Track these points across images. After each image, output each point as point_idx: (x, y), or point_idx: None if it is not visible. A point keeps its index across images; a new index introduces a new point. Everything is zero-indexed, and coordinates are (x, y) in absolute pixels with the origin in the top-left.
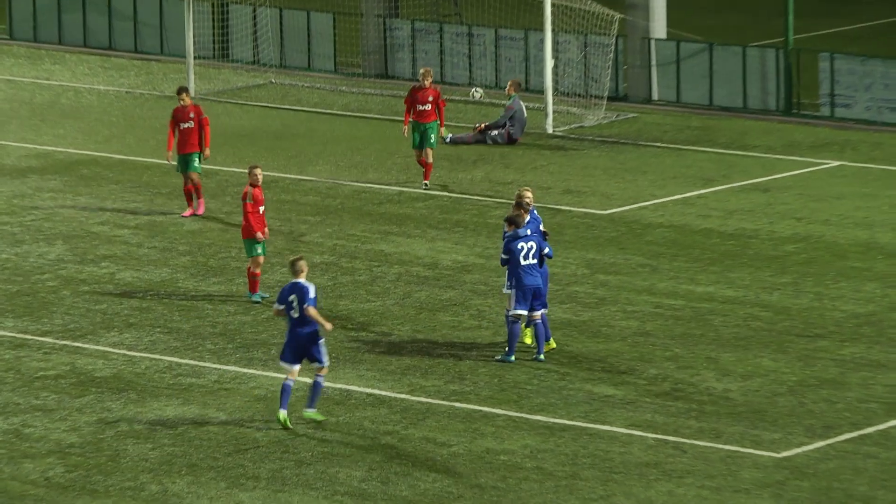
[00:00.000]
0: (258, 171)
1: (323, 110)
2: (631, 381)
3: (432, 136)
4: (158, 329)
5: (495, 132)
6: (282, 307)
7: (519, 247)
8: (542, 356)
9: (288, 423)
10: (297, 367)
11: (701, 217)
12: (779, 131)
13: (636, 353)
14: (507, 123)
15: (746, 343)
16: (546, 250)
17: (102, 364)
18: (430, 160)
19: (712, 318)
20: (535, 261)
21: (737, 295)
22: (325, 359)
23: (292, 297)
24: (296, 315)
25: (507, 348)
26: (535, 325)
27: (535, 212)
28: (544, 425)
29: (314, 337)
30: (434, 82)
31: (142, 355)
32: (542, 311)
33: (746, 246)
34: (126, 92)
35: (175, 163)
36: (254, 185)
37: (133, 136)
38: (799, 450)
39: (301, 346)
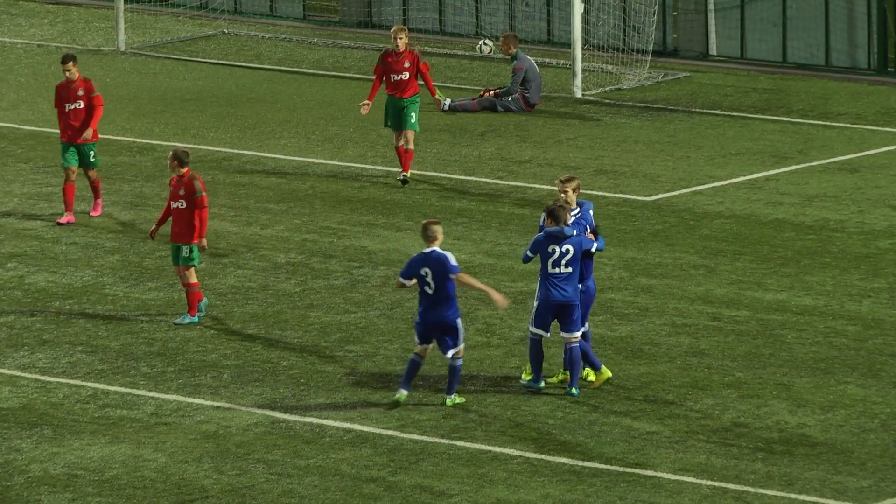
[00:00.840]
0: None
1: (289, 68)
2: (681, 414)
3: (412, 114)
4: (80, 348)
5: (509, 99)
6: (411, 282)
7: (550, 249)
8: (574, 390)
9: (401, 400)
10: (428, 346)
11: (771, 205)
12: (871, 95)
13: (688, 379)
14: (521, 88)
15: (828, 365)
16: (593, 247)
17: (9, 392)
18: (411, 146)
19: (785, 334)
20: (570, 269)
21: (816, 304)
22: (461, 342)
23: (425, 269)
24: (430, 291)
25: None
26: (569, 350)
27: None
28: (570, 469)
29: (450, 323)
30: (433, 33)
31: (59, 381)
32: (577, 332)
33: (829, 241)
34: (38, 45)
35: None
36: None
37: (47, 102)
38: (893, 500)
39: (432, 330)
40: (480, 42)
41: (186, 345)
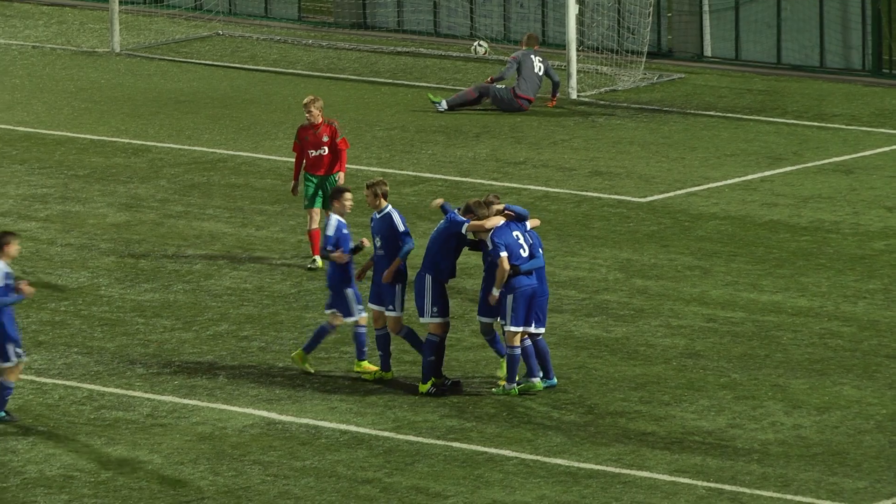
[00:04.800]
0: None
1: (284, 69)
2: (676, 415)
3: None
4: (76, 349)
5: (501, 87)
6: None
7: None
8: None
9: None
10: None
11: (766, 206)
12: (865, 97)
13: (683, 380)
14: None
15: (823, 367)
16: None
17: None
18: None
19: (780, 335)
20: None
21: (811, 305)
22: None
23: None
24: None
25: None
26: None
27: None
28: (566, 471)
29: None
30: (427, 35)
31: (54, 382)
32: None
33: (824, 243)
34: (33, 46)
35: None
36: None
37: (41, 103)
38: (889, 502)
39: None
40: (475, 44)
41: (182, 346)
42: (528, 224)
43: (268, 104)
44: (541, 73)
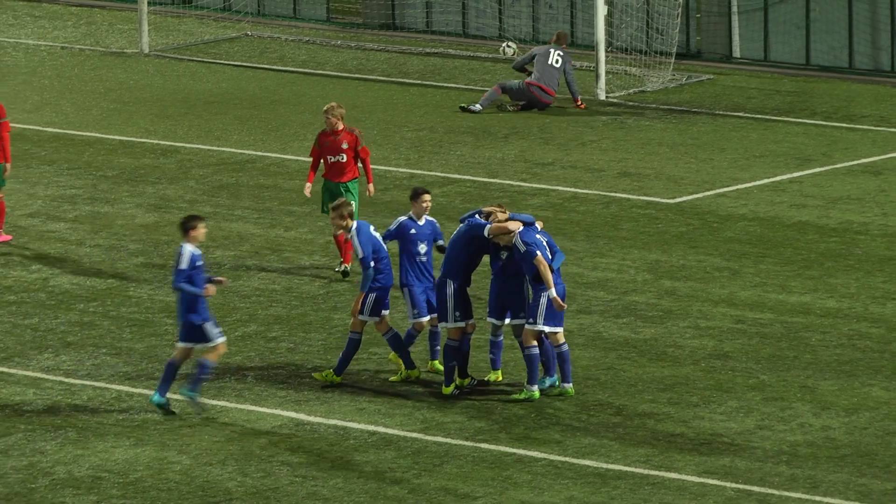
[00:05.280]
0: None
1: (312, 70)
2: (705, 416)
3: (352, 201)
4: (104, 350)
5: (515, 80)
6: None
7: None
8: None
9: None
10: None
11: (795, 207)
12: (894, 98)
13: (712, 381)
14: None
15: (852, 368)
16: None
17: (33, 394)
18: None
19: (808, 337)
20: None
21: (840, 307)
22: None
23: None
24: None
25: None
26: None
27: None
28: (594, 472)
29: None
30: (455, 36)
31: (83, 383)
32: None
33: (853, 244)
34: (62, 47)
35: None
36: None
37: (70, 104)
38: None
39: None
40: (504, 44)
41: None
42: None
43: (296, 105)
44: (557, 66)
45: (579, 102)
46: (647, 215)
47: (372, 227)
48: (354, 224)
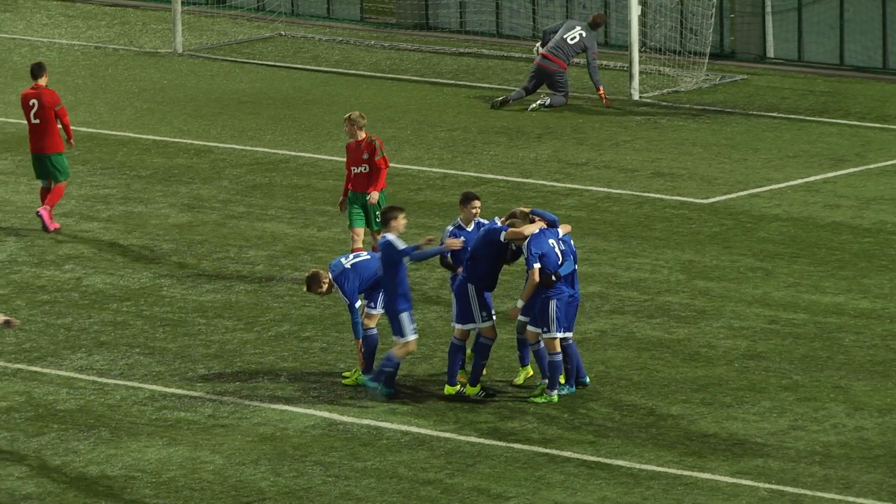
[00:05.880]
0: None
1: (346, 70)
2: (738, 417)
3: (377, 212)
4: (137, 349)
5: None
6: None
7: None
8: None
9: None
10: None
11: (829, 207)
12: None
13: (745, 381)
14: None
15: (885, 368)
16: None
17: (66, 394)
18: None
19: (842, 337)
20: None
21: (874, 307)
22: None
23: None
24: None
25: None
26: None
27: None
28: (627, 472)
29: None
30: (489, 36)
31: (116, 382)
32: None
33: (887, 244)
34: (95, 47)
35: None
36: None
37: (104, 104)
38: None
39: None
40: (538, 44)
41: (244, 347)
42: (561, 231)
43: (330, 105)
44: (571, 43)
45: (601, 92)
46: (681, 215)
47: (347, 259)
48: (329, 276)
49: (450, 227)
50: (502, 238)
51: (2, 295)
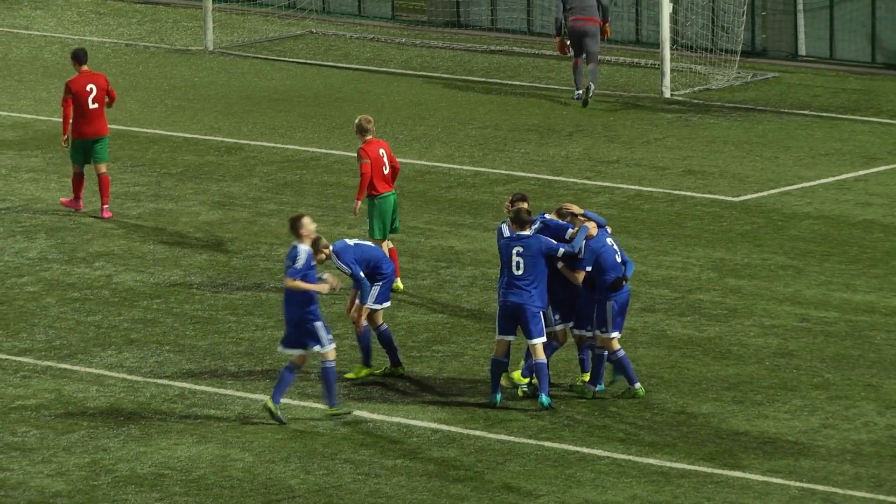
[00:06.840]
0: None
1: (377, 68)
2: (769, 415)
3: (396, 217)
4: (167, 347)
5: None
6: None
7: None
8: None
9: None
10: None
11: (860, 205)
12: None
13: (776, 380)
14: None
15: None
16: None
17: (96, 391)
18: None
19: (874, 335)
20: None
21: None
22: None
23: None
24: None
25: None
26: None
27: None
28: (658, 470)
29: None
30: (520, 33)
31: (146, 380)
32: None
33: None
34: (126, 45)
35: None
36: None
37: (135, 101)
38: None
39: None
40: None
41: (273, 344)
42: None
43: (361, 102)
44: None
45: (606, 27)
46: (712, 213)
47: (351, 240)
48: (331, 249)
49: (501, 224)
50: (567, 236)
51: (33, 292)
